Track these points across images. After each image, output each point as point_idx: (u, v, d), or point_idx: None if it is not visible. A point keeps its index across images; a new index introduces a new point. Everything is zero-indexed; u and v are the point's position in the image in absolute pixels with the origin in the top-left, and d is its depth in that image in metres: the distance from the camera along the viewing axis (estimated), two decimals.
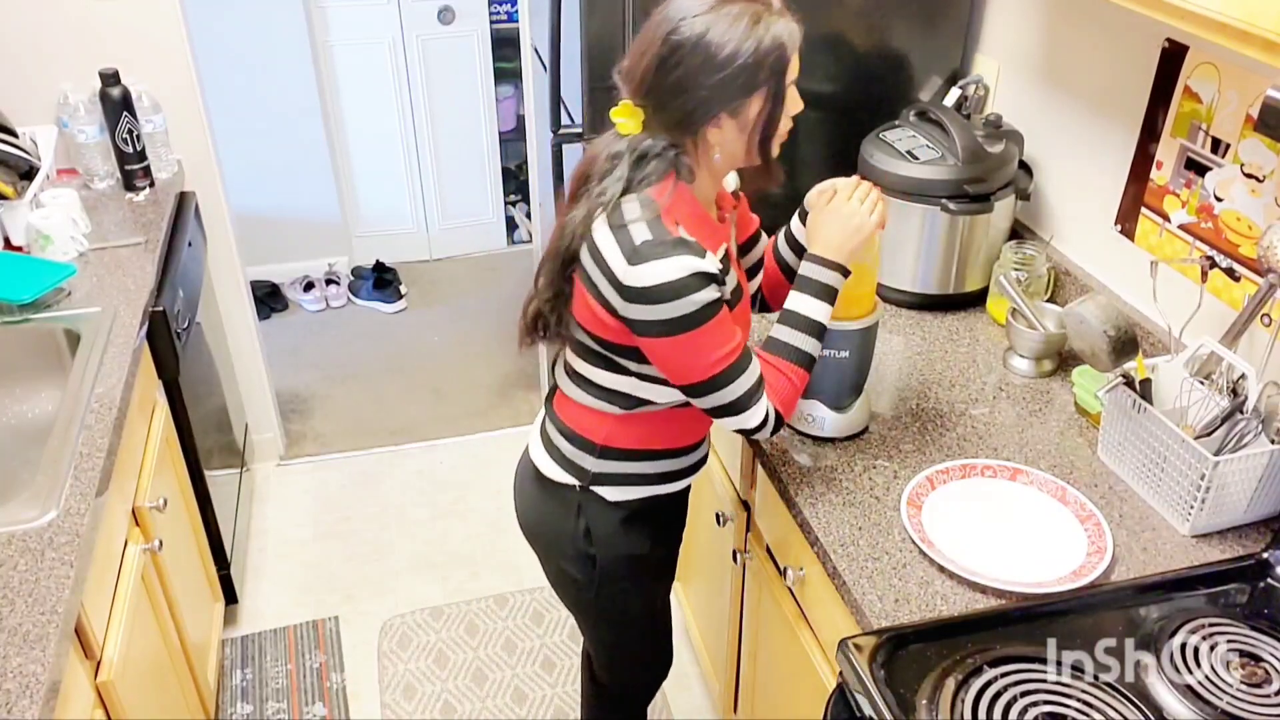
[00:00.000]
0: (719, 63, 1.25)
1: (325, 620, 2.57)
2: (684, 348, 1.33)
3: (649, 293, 1.29)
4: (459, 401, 3.40)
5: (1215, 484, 1.35)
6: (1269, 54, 1.06)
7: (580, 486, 1.51)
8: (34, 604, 1.32)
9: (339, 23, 3.70)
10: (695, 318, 1.30)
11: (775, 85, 1.30)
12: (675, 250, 1.28)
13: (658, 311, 1.30)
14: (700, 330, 1.31)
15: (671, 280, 1.28)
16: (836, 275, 1.40)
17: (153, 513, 1.85)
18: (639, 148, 1.32)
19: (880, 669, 1.19)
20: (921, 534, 1.39)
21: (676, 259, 1.28)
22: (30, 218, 2.11)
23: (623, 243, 1.30)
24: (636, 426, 1.48)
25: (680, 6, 1.27)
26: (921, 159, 1.86)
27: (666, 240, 1.29)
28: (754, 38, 1.25)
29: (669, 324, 1.30)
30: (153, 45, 2.46)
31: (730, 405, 1.37)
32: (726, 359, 1.34)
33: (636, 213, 1.31)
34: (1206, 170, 1.59)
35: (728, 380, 1.35)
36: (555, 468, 1.53)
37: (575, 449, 1.50)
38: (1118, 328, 1.53)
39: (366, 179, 4.01)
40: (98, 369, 1.78)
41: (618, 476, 1.51)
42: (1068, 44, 1.88)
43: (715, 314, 1.32)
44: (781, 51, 1.28)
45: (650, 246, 1.28)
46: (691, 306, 1.29)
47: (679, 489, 1.60)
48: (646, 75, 1.29)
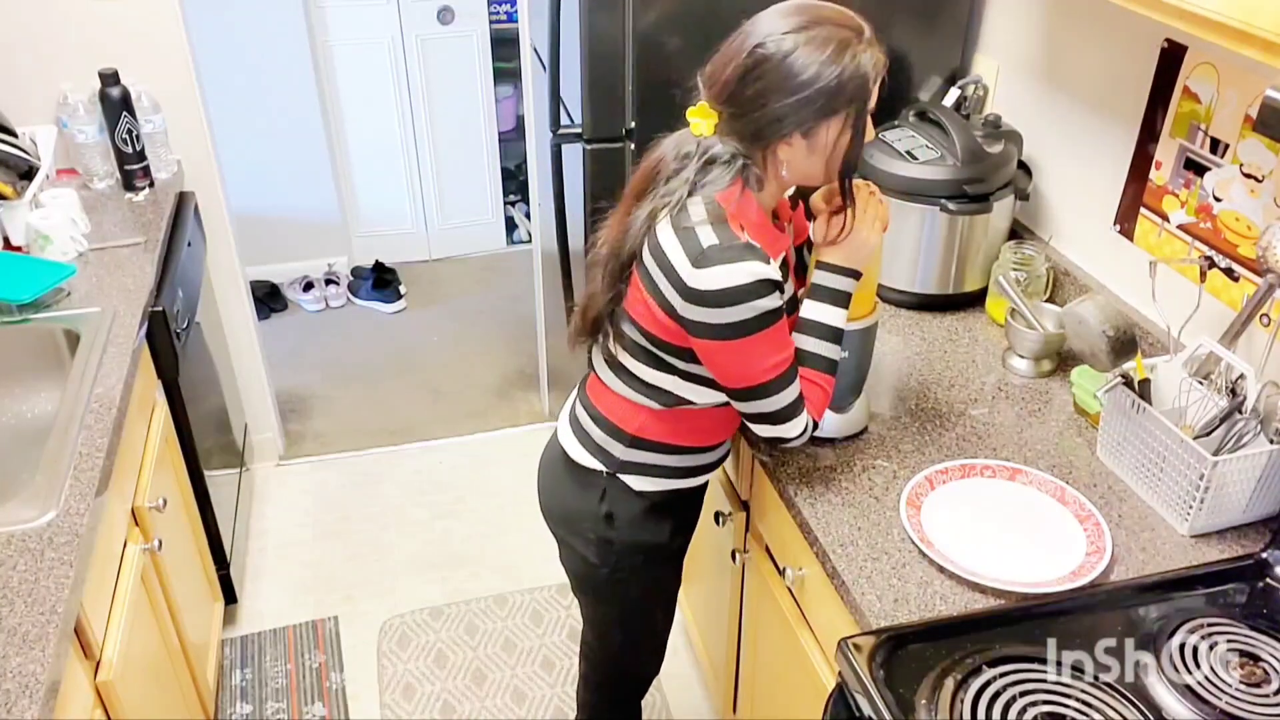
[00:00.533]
0: (800, 83, 1.25)
1: (325, 620, 2.57)
2: (739, 352, 1.34)
3: (713, 296, 1.29)
4: (459, 402, 3.40)
5: (1214, 484, 1.35)
6: (1268, 54, 1.06)
7: (607, 473, 1.53)
8: (33, 604, 1.32)
9: (339, 23, 3.70)
10: (754, 324, 1.31)
11: (854, 114, 1.30)
12: (743, 255, 1.29)
13: (719, 315, 1.30)
14: (757, 337, 1.32)
15: (737, 285, 1.28)
16: (850, 281, 1.42)
17: (152, 513, 1.85)
18: (709, 151, 1.33)
19: (879, 669, 1.19)
20: (921, 534, 1.39)
21: (743, 264, 1.28)
22: (30, 218, 2.11)
23: (688, 244, 1.30)
24: (671, 422, 1.49)
25: (772, 21, 1.27)
26: (921, 159, 1.87)
27: (735, 244, 1.29)
28: (839, 64, 1.26)
29: (728, 328, 1.31)
30: (152, 45, 2.46)
31: (773, 414, 1.39)
32: (778, 367, 1.36)
33: (702, 215, 1.31)
34: (1205, 170, 1.59)
35: (777, 389, 1.37)
36: (583, 452, 1.55)
37: (606, 436, 1.52)
38: (1117, 328, 1.53)
39: (366, 179, 4.01)
40: (97, 369, 1.78)
41: (645, 467, 1.52)
42: (1067, 44, 1.88)
43: (774, 321, 1.33)
44: (864, 82, 1.28)
45: (718, 250, 1.29)
46: (752, 312, 1.30)
47: (701, 483, 1.62)
48: (729, 83, 1.29)
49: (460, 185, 4.13)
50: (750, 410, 1.41)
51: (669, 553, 1.64)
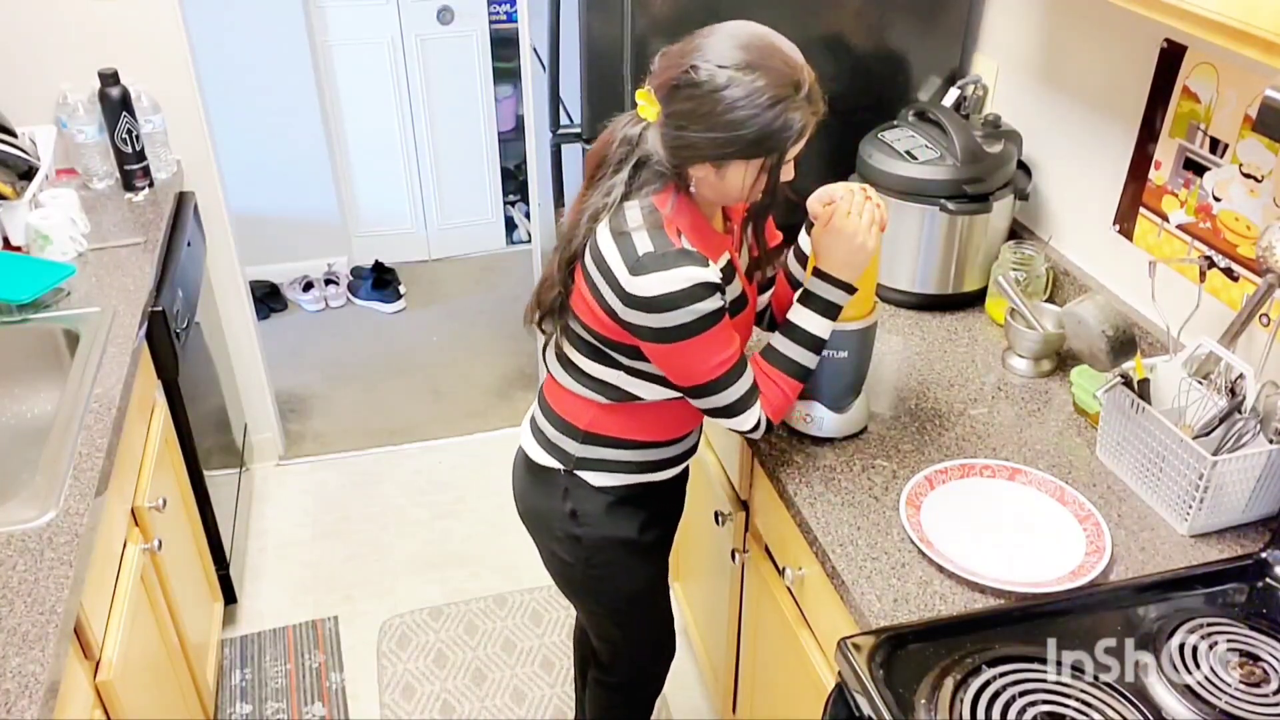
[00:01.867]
0: (721, 122, 1.24)
1: (324, 620, 2.57)
2: (683, 354, 1.35)
3: (651, 302, 1.30)
4: (458, 402, 3.40)
5: (1214, 484, 1.35)
6: (1267, 54, 1.06)
7: (565, 470, 1.54)
8: (33, 604, 1.32)
9: (338, 23, 3.70)
10: (695, 326, 1.32)
11: (772, 163, 1.29)
12: (678, 261, 1.29)
13: (659, 320, 1.31)
14: (700, 338, 1.33)
15: (674, 291, 1.29)
16: (842, 294, 1.42)
17: (152, 513, 1.85)
18: (643, 152, 1.33)
19: (879, 669, 1.19)
20: (920, 534, 1.39)
21: (679, 270, 1.29)
22: (29, 218, 2.11)
23: (625, 251, 1.31)
24: (621, 417, 1.50)
25: (720, 47, 1.25)
26: (920, 159, 1.87)
27: (669, 251, 1.30)
28: (765, 116, 1.24)
29: (670, 331, 1.32)
30: (152, 45, 2.46)
31: (727, 408, 1.41)
32: (724, 365, 1.37)
33: (639, 220, 1.31)
34: (1205, 170, 1.59)
35: (726, 384, 1.39)
36: (541, 452, 1.56)
37: (559, 434, 1.53)
38: (1116, 328, 1.53)
39: (366, 179, 4.01)
40: (97, 369, 1.78)
41: (601, 463, 1.52)
42: (1066, 44, 1.88)
43: (716, 322, 1.33)
44: (786, 138, 1.27)
45: (653, 258, 1.29)
46: (692, 315, 1.31)
47: (669, 476, 1.61)
48: (663, 88, 1.29)
49: (460, 185, 4.13)
50: (702, 405, 1.43)
51: (643, 546, 1.63)
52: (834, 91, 2.07)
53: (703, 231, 1.37)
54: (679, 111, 1.27)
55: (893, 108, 2.03)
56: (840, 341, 1.52)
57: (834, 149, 2.07)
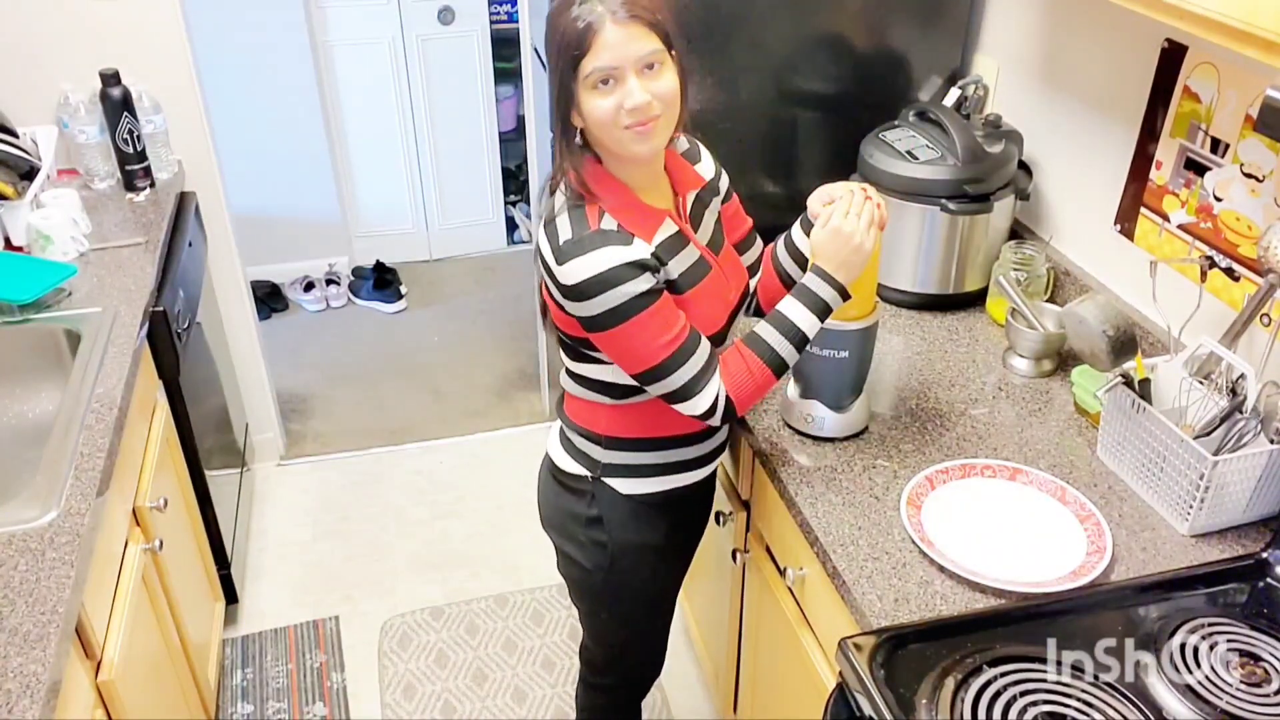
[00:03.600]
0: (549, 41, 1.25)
1: (325, 620, 2.57)
2: (623, 339, 1.33)
3: (579, 289, 1.29)
4: (458, 402, 3.40)
5: (1214, 484, 1.35)
6: (1268, 54, 1.06)
7: (593, 477, 1.52)
8: (34, 604, 1.32)
9: (339, 23, 3.70)
10: (628, 308, 1.30)
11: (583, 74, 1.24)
12: (595, 243, 1.28)
13: (591, 306, 1.30)
14: (637, 319, 1.30)
15: (597, 275, 1.28)
16: (835, 295, 1.39)
17: (153, 513, 1.86)
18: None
19: (880, 669, 1.19)
20: (921, 534, 1.39)
21: (597, 252, 1.28)
22: (31, 218, 2.11)
23: (552, 239, 1.31)
24: (634, 415, 1.48)
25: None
26: (921, 159, 1.87)
27: (586, 234, 1.29)
28: (560, 24, 1.23)
29: (604, 317, 1.31)
30: (153, 45, 2.47)
31: (677, 391, 1.36)
32: (670, 345, 1.33)
33: (563, 202, 1.32)
34: (1206, 170, 1.59)
35: (674, 366, 1.34)
36: (568, 459, 1.55)
37: (585, 440, 1.52)
38: (1117, 328, 1.53)
39: (366, 179, 4.01)
40: (98, 369, 1.78)
41: (628, 468, 1.51)
42: (1067, 44, 1.88)
43: (650, 303, 1.31)
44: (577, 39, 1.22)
45: (572, 244, 1.29)
46: (622, 298, 1.29)
47: (698, 479, 1.58)
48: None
49: (461, 185, 4.13)
50: (657, 392, 1.38)
51: (667, 551, 1.63)
52: (835, 91, 2.10)
53: (632, 208, 1.34)
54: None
55: (893, 107, 2.03)
56: (841, 341, 1.51)
57: (835, 149, 2.08)
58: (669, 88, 1.27)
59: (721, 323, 1.46)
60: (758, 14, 1.92)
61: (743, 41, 1.93)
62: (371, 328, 3.82)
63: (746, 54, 1.95)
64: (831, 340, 1.50)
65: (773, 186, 2.03)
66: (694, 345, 1.36)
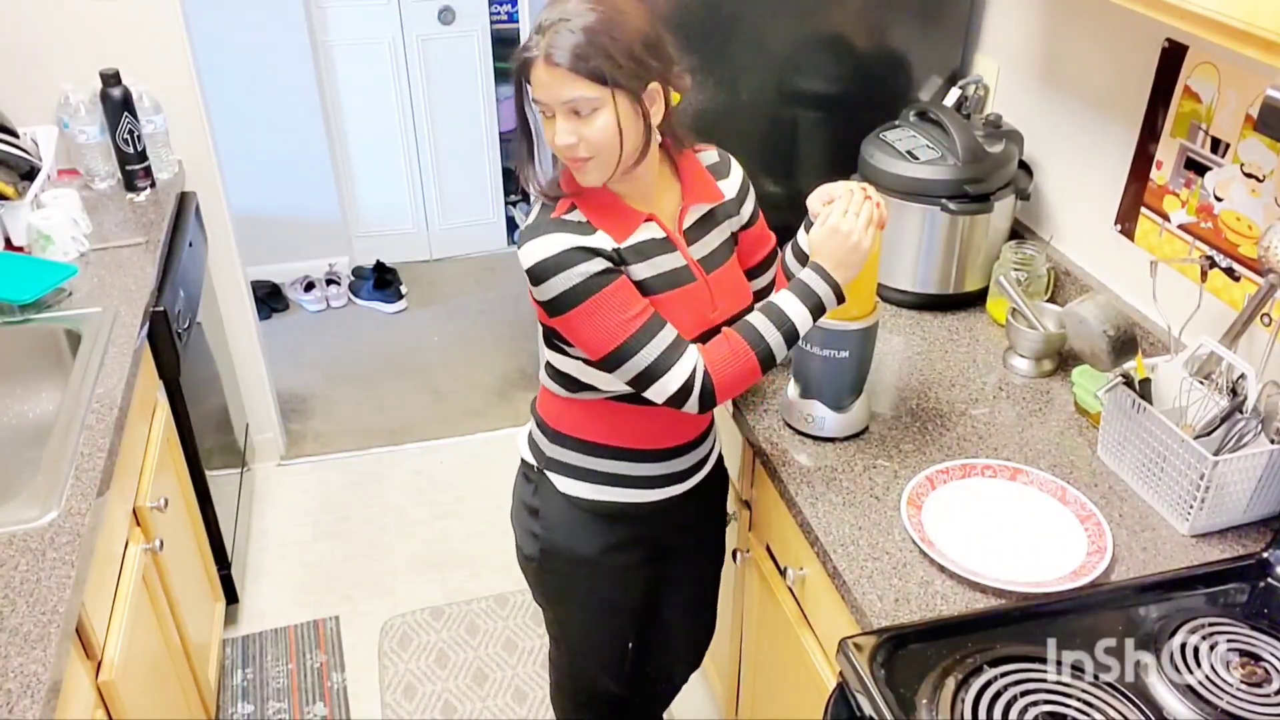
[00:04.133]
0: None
1: (326, 620, 2.57)
2: (582, 321, 1.33)
3: (533, 272, 1.33)
4: (459, 402, 3.40)
5: (1215, 484, 1.35)
6: (1268, 54, 1.06)
7: (538, 468, 1.55)
8: (35, 604, 1.32)
9: (339, 23, 3.70)
10: (581, 290, 1.31)
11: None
12: (549, 228, 1.33)
13: (546, 290, 1.33)
14: (591, 301, 1.32)
15: (548, 256, 1.31)
16: (830, 292, 1.37)
17: (153, 513, 1.86)
18: None
19: (880, 669, 1.19)
20: (921, 534, 1.39)
21: (550, 236, 1.32)
22: (31, 218, 2.11)
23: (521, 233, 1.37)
24: (580, 413, 1.49)
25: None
26: (921, 159, 1.86)
27: (545, 221, 1.34)
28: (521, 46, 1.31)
29: (559, 300, 1.33)
30: (153, 45, 2.47)
31: (645, 372, 1.34)
32: (629, 325, 1.32)
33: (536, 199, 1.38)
34: (1206, 170, 1.59)
35: (637, 346, 1.33)
36: (525, 447, 1.58)
37: (537, 430, 1.55)
38: (1117, 327, 1.53)
39: (367, 179, 4.01)
40: (99, 369, 1.78)
41: (569, 467, 1.52)
42: (1067, 44, 1.88)
43: (605, 284, 1.32)
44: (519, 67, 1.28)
45: (529, 228, 1.35)
46: (574, 279, 1.31)
47: (647, 499, 1.54)
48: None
49: (461, 185, 4.13)
50: (624, 377, 1.36)
51: (601, 568, 1.58)
52: (835, 91, 2.10)
53: (608, 208, 1.36)
54: None
55: (894, 107, 2.03)
56: (841, 341, 1.51)
57: (835, 149, 2.08)
58: (599, 133, 1.26)
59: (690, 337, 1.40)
60: (758, 14, 1.92)
61: (743, 41, 1.93)
62: (372, 328, 3.82)
63: (746, 54, 1.95)
64: (832, 340, 1.50)
65: (773, 186, 2.03)
66: (658, 325, 1.34)
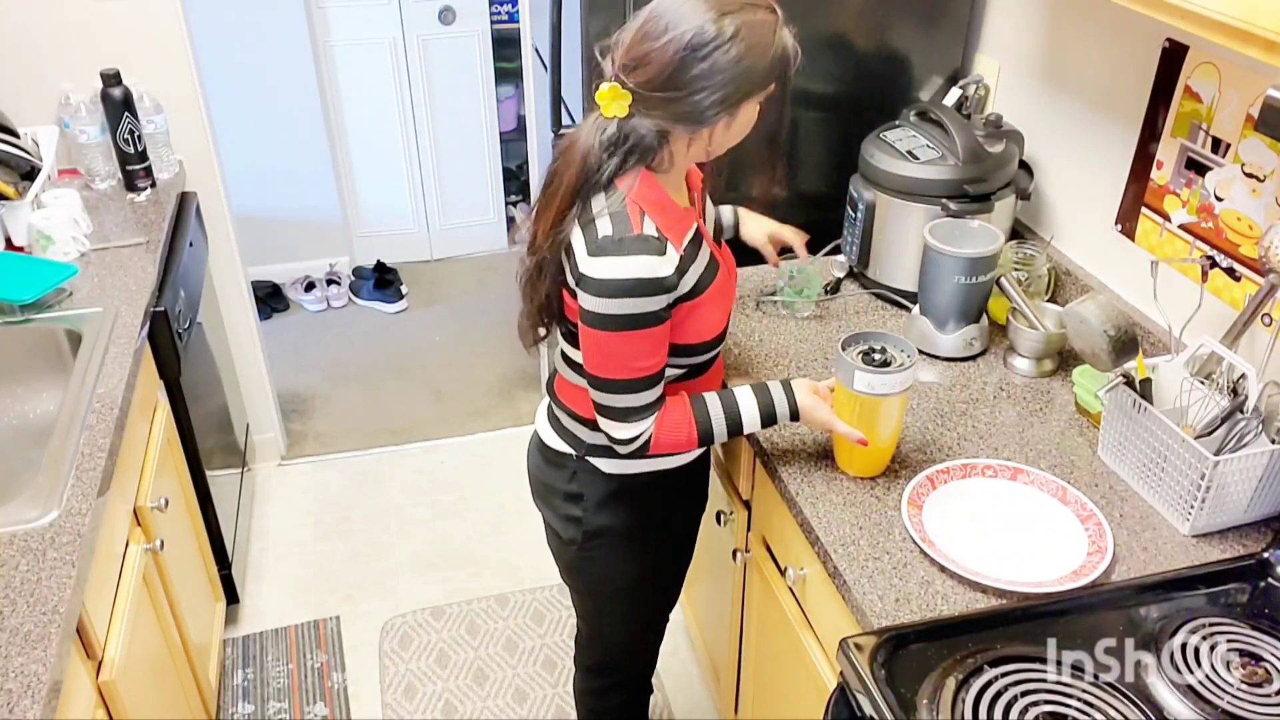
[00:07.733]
0: (738, 70, 1.27)
1: (326, 620, 2.57)
2: (609, 344, 1.35)
3: (597, 285, 1.31)
4: (459, 401, 3.40)
5: (1215, 484, 1.35)
6: (1269, 54, 1.06)
7: (577, 456, 1.55)
8: (35, 604, 1.33)
9: (339, 23, 3.70)
10: (626, 321, 1.32)
11: (775, 90, 1.33)
12: (635, 249, 1.30)
13: (601, 305, 1.32)
14: (629, 335, 1.33)
15: (625, 279, 1.30)
16: (787, 415, 1.47)
17: (154, 513, 1.86)
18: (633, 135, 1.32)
19: (881, 669, 1.19)
20: (922, 534, 1.39)
21: (634, 259, 1.30)
22: (31, 218, 2.11)
23: (589, 236, 1.33)
24: None
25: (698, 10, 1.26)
26: (922, 159, 1.86)
27: (629, 236, 1.30)
28: (777, 45, 1.29)
29: (605, 319, 1.33)
30: (153, 46, 2.47)
31: (612, 410, 1.41)
32: (640, 371, 1.37)
33: (602, 204, 1.33)
34: (1207, 170, 1.59)
35: (628, 390, 1.38)
36: (555, 437, 1.58)
37: (573, 421, 1.55)
38: (1118, 327, 1.53)
39: (367, 179, 4.01)
40: (99, 369, 1.78)
41: (612, 450, 1.51)
42: (1068, 44, 1.88)
43: (651, 325, 1.34)
44: (788, 61, 1.32)
45: (611, 241, 1.30)
46: (634, 309, 1.32)
47: (683, 463, 1.60)
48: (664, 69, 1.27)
49: (462, 185, 4.13)
50: (597, 399, 1.42)
51: (643, 537, 1.62)
52: (836, 91, 2.10)
53: (668, 208, 1.36)
54: (694, 77, 1.26)
55: (894, 107, 2.03)
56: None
57: (835, 149, 2.08)
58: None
59: (723, 325, 1.48)
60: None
61: None
62: (372, 328, 3.82)
63: None
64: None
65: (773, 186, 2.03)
66: (654, 383, 1.39)
